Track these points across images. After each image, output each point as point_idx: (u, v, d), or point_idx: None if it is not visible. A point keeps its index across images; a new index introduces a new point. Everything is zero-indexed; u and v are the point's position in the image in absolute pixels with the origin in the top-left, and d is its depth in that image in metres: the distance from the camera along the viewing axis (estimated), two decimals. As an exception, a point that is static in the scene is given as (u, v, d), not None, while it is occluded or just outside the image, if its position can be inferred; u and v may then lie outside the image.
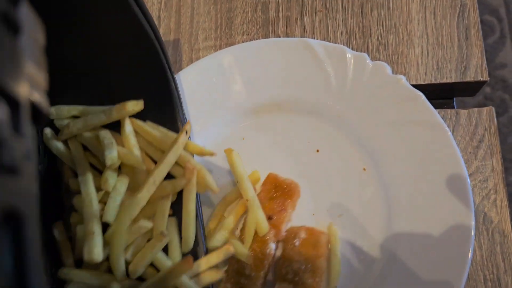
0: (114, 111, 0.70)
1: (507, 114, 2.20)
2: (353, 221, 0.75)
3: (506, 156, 2.05)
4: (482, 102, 2.14)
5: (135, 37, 0.70)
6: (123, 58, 0.72)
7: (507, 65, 2.22)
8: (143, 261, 0.64)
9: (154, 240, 0.65)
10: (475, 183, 0.76)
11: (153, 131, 0.71)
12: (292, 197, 0.75)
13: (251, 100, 0.83)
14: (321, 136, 0.81)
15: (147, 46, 0.71)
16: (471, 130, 0.79)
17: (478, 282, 0.72)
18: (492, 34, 2.27)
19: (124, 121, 0.71)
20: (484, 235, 0.74)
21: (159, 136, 0.71)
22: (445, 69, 0.82)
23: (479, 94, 2.13)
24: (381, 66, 0.78)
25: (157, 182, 0.66)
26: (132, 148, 0.70)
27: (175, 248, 0.68)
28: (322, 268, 0.72)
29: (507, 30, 2.25)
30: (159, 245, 0.65)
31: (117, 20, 0.69)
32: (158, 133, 0.71)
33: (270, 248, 0.73)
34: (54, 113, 0.72)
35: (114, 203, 0.65)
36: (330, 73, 0.80)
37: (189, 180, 0.67)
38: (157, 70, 0.73)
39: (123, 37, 0.71)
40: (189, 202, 0.67)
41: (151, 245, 0.65)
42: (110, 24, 0.69)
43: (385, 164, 0.76)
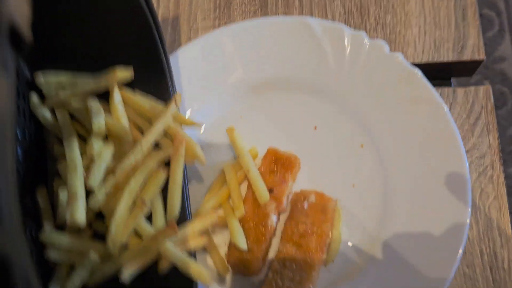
0: (103, 78, 0.71)
1: (505, 107, 2.20)
2: (351, 197, 0.76)
3: (505, 148, 2.06)
4: (481, 95, 2.15)
5: (129, 9, 0.70)
6: (115, 29, 0.73)
7: (506, 59, 2.22)
8: (126, 230, 0.64)
9: (136, 208, 0.65)
10: (472, 159, 0.77)
11: (142, 102, 0.71)
12: (292, 170, 0.76)
13: (249, 78, 0.83)
14: (319, 113, 0.81)
15: (140, 18, 0.71)
16: (468, 108, 0.79)
17: (474, 256, 0.73)
18: (491, 28, 2.27)
19: (113, 90, 0.71)
20: (481, 210, 0.74)
21: (148, 106, 0.71)
22: (442, 48, 0.82)
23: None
24: (379, 44, 0.78)
25: (144, 150, 0.67)
26: (120, 118, 0.70)
27: (159, 217, 0.67)
28: (328, 233, 0.72)
29: (506, 24, 2.25)
30: (141, 214, 0.65)
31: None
32: (148, 104, 0.71)
33: (271, 220, 0.74)
34: (43, 79, 0.72)
35: (99, 169, 0.65)
36: (328, 51, 0.80)
37: (177, 150, 0.67)
38: (149, 42, 0.73)
39: (117, 9, 0.71)
40: (176, 172, 0.67)
41: (134, 214, 0.65)
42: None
43: (382, 141, 0.77)
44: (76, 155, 0.66)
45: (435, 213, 0.70)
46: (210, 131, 0.83)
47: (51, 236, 0.64)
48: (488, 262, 0.72)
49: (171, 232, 0.62)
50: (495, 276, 0.71)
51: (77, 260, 0.65)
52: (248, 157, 0.76)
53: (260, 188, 0.73)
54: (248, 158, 0.75)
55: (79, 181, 0.63)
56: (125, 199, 0.64)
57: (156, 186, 0.68)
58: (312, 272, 0.70)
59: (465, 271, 0.72)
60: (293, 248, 0.72)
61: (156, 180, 0.67)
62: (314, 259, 0.71)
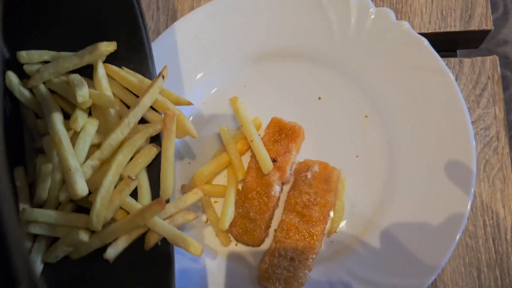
0: (87, 52, 0.69)
1: (508, 91, 2.18)
2: (354, 167, 0.75)
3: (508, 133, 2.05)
4: (483, 78, 2.13)
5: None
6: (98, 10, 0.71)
7: (509, 42, 2.20)
8: (111, 206, 0.63)
9: (122, 184, 0.63)
10: (477, 130, 0.76)
11: (129, 77, 0.70)
12: (296, 140, 0.75)
13: (252, 47, 0.82)
14: (323, 83, 0.80)
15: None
16: (474, 78, 0.78)
17: (477, 227, 0.72)
18: (495, 11, 2.25)
19: (97, 64, 0.69)
20: (485, 181, 0.74)
21: (137, 81, 0.69)
22: (450, 18, 0.81)
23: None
24: (385, 12, 0.77)
25: (131, 124, 0.65)
26: (104, 92, 0.68)
27: (145, 193, 0.66)
28: (331, 203, 0.72)
29: (510, 6, 2.23)
30: (127, 190, 0.63)
31: None
32: (136, 79, 0.70)
33: (274, 190, 0.73)
34: (26, 56, 0.70)
35: (84, 143, 0.63)
36: (332, 19, 0.79)
37: (169, 127, 0.65)
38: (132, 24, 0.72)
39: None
40: (168, 149, 0.66)
41: (119, 189, 0.63)
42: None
43: (387, 111, 0.76)
44: (60, 128, 0.64)
45: (440, 182, 0.70)
46: (213, 100, 0.82)
47: (33, 214, 0.62)
48: (491, 234, 0.71)
49: (158, 208, 0.61)
50: (498, 248, 0.71)
51: (60, 233, 0.64)
52: (251, 127, 0.75)
53: (263, 157, 0.73)
54: (251, 128, 0.74)
55: (69, 154, 0.61)
56: (112, 173, 0.62)
57: (144, 162, 0.66)
58: (315, 242, 0.70)
59: (468, 242, 0.72)
60: (296, 218, 0.72)
61: (145, 156, 0.66)
62: (316, 230, 0.70)
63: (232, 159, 0.75)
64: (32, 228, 0.63)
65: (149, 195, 0.67)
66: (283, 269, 0.69)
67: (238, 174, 0.74)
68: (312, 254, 0.70)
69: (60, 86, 0.69)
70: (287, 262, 0.70)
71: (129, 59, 0.72)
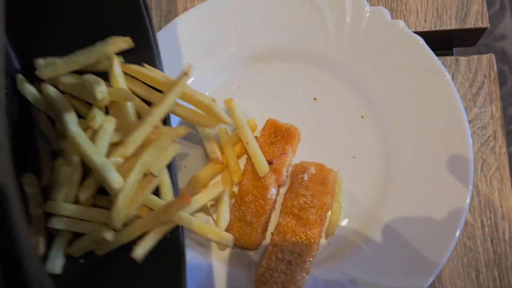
0: (100, 46, 0.68)
1: (505, 86, 2.18)
2: (351, 169, 0.74)
3: (505, 128, 2.05)
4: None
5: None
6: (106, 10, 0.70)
7: (506, 37, 2.19)
8: (134, 203, 0.62)
9: (145, 181, 0.63)
10: (474, 129, 0.75)
11: (153, 74, 0.69)
12: (292, 142, 0.74)
13: (246, 48, 0.81)
14: (319, 84, 0.79)
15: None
16: (470, 77, 0.77)
17: (475, 228, 0.72)
18: (492, 6, 2.24)
19: (113, 62, 0.68)
20: (483, 181, 0.73)
21: (161, 78, 0.68)
22: (445, 16, 0.80)
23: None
24: (380, 11, 0.76)
25: (155, 122, 0.64)
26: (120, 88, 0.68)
27: (167, 190, 0.66)
28: (328, 205, 0.71)
29: (507, 1, 2.22)
30: (150, 187, 0.63)
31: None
32: (159, 76, 0.69)
33: (271, 193, 0.73)
34: (42, 62, 0.69)
35: (103, 142, 0.63)
36: (327, 19, 0.78)
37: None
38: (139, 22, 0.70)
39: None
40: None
41: (142, 187, 0.63)
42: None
43: (383, 111, 0.75)
44: (76, 128, 0.63)
45: (437, 183, 0.69)
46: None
47: (56, 206, 0.63)
48: (489, 234, 0.71)
49: (184, 203, 0.61)
50: (496, 248, 0.70)
51: (82, 228, 0.64)
52: (246, 129, 0.74)
53: (259, 160, 0.72)
54: (247, 130, 0.74)
55: (92, 152, 0.61)
56: (136, 172, 0.62)
57: (167, 160, 0.66)
58: (312, 244, 0.69)
59: (466, 243, 0.71)
60: (293, 220, 0.71)
61: (167, 153, 0.66)
62: (314, 232, 0.70)
63: (228, 161, 0.74)
64: (55, 222, 0.63)
65: (171, 192, 0.67)
66: (280, 273, 0.69)
67: (234, 177, 0.73)
68: (309, 256, 0.69)
69: (73, 86, 0.68)
70: (284, 265, 0.69)
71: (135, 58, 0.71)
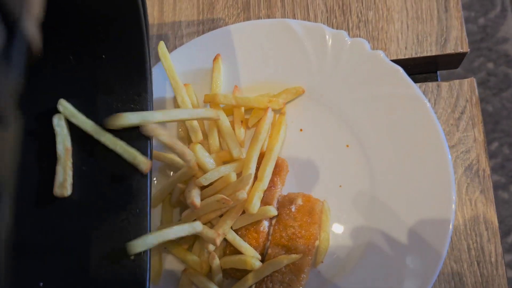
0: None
1: (511, 89, 2.16)
2: (338, 197, 0.77)
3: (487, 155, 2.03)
4: (484, 78, 2.11)
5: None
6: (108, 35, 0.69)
7: (509, 39, 2.18)
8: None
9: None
10: (457, 154, 0.77)
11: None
12: (281, 173, 0.76)
13: (230, 83, 0.84)
14: (304, 115, 0.81)
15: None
16: (452, 102, 0.79)
17: (462, 251, 0.73)
18: (493, 9, 2.23)
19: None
20: (467, 205, 0.75)
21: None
22: (425, 42, 0.82)
23: (481, 70, 2.10)
24: (360, 42, 0.78)
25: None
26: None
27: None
28: (316, 235, 0.74)
29: (508, 3, 2.21)
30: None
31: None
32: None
33: (263, 226, 0.75)
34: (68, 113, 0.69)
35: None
36: (309, 52, 0.81)
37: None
38: (139, 58, 0.72)
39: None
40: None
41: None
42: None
43: (367, 140, 0.77)
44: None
45: (421, 211, 0.71)
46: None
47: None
48: (475, 257, 0.72)
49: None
50: (483, 271, 0.72)
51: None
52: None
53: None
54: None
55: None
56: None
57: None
58: (301, 274, 0.72)
59: (453, 267, 0.72)
60: (282, 251, 0.74)
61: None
62: (302, 262, 0.72)
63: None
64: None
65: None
66: (272, 301, 0.71)
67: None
68: (299, 286, 0.72)
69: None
70: (275, 295, 0.71)
71: (125, 92, 0.70)
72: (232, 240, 0.73)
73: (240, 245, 0.73)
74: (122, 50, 0.70)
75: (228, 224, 0.73)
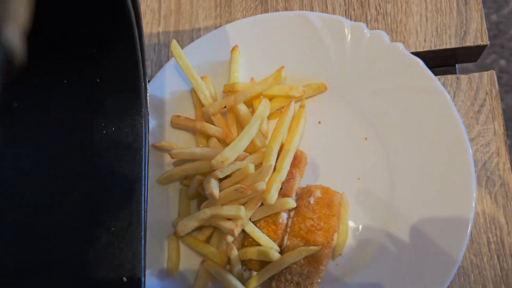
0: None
1: (525, 85, 2.14)
2: (357, 190, 0.76)
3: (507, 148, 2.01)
4: (497, 75, 2.08)
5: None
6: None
7: (522, 36, 2.16)
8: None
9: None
10: (477, 147, 0.76)
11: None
12: (299, 165, 0.76)
13: (251, 75, 0.84)
14: (322, 108, 0.81)
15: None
16: (472, 95, 0.78)
17: (481, 245, 0.73)
18: (506, 5, 2.21)
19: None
20: (487, 198, 0.74)
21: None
22: (445, 35, 0.81)
23: (493, 67, 2.08)
24: (379, 35, 0.78)
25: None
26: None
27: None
28: (334, 227, 0.73)
29: (521, -1, 2.19)
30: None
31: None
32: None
33: (282, 218, 0.75)
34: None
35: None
36: (328, 45, 0.80)
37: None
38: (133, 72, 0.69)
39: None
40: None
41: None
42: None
43: (385, 133, 0.77)
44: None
45: (440, 204, 0.70)
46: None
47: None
48: (495, 250, 0.72)
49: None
50: (503, 264, 0.71)
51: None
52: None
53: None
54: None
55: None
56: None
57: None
58: (320, 266, 0.72)
59: (472, 260, 0.72)
60: (300, 243, 0.73)
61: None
62: (321, 254, 0.72)
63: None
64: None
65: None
66: (289, 294, 0.71)
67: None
68: (317, 277, 0.72)
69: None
70: (293, 286, 0.71)
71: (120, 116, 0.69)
72: (250, 231, 0.73)
73: (258, 237, 0.73)
74: (117, 74, 0.69)
75: (247, 216, 0.73)
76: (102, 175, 0.68)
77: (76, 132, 0.69)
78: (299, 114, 0.79)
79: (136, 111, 0.69)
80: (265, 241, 0.73)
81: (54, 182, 0.66)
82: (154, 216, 0.81)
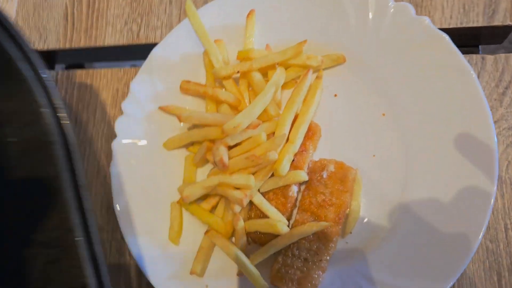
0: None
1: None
2: (371, 167, 0.73)
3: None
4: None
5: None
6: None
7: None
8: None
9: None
10: (499, 130, 0.73)
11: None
12: (313, 138, 0.73)
13: (266, 41, 0.80)
14: (339, 80, 0.78)
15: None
16: (497, 76, 0.75)
17: (498, 231, 0.70)
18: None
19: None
20: (507, 183, 0.71)
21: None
22: (472, 12, 0.78)
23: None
24: (404, 7, 0.74)
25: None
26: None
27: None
28: (347, 204, 0.70)
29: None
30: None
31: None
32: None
33: (292, 190, 0.72)
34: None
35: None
36: (349, 13, 0.76)
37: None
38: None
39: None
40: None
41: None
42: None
43: (404, 110, 0.73)
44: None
45: (459, 185, 0.67)
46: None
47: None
48: (513, 237, 0.69)
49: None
50: (520, 251, 0.68)
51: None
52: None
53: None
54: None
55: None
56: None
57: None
58: (329, 243, 0.68)
59: (488, 246, 0.69)
60: (310, 218, 0.70)
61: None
62: (331, 230, 0.69)
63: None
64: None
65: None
66: (296, 270, 0.68)
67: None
68: (326, 255, 0.68)
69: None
70: (301, 262, 0.68)
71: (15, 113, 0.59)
72: (259, 203, 0.70)
73: (266, 209, 0.70)
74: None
75: (256, 186, 0.69)
76: (21, 188, 0.59)
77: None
78: (316, 85, 0.75)
79: (36, 104, 0.57)
80: (273, 213, 0.69)
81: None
82: (156, 183, 0.77)
